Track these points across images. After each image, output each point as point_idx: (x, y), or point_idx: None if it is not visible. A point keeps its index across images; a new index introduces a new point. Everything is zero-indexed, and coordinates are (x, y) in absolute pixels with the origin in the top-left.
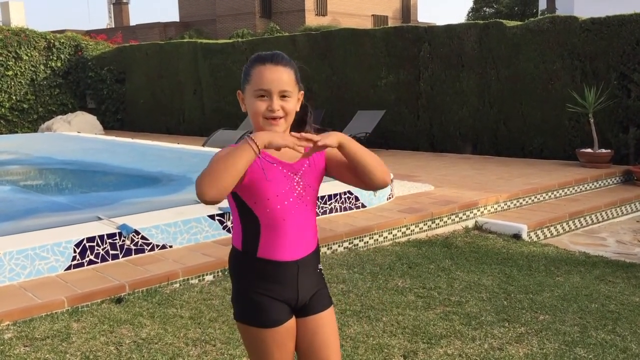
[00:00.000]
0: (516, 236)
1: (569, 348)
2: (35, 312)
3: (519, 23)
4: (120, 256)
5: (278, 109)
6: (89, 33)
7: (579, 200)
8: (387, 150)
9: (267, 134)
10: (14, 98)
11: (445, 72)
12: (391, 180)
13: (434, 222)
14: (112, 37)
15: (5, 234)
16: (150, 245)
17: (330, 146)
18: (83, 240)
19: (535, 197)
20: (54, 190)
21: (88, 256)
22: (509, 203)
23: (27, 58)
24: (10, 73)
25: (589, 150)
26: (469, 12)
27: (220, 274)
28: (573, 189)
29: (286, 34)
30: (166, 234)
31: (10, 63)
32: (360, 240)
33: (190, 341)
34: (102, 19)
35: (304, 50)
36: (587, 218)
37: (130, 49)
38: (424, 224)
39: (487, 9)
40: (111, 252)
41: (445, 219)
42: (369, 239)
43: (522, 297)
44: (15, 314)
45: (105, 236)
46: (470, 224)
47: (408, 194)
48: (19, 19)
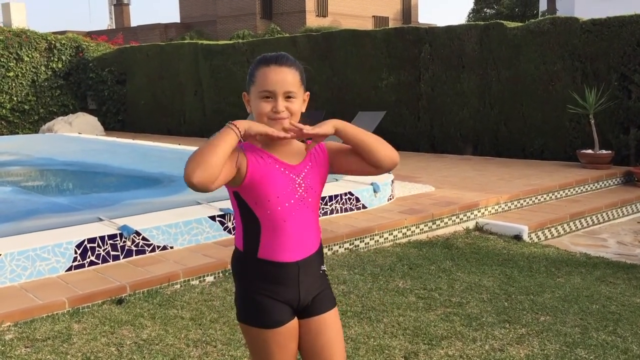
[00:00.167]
0: (517, 237)
1: (570, 349)
2: (36, 313)
3: (520, 24)
4: (121, 257)
5: (283, 110)
6: (90, 34)
7: (580, 201)
8: None
9: (248, 121)
10: (15, 99)
11: (446, 73)
12: (398, 157)
13: (435, 223)
14: (113, 38)
15: (6, 235)
16: (151, 246)
17: (327, 133)
18: (84, 241)
19: (536, 198)
20: (55, 191)
21: (89, 257)
22: (509, 204)
23: (28, 59)
24: (11, 74)
25: (589, 151)
26: (470, 13)
27: (221, 275)
28: (574, 189)
29: (287, 35)
30: (167, 235)
31: (12, 64)
32: (361, 241)
33: (191, 342)
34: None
35: (304, 51)
36: (588, 219)
37: (131, 50)
38: (425, 225)
39: (488, 10)
40: (112, 253)
41: (446, 220)
42: (370, 240)
43: (523, 298)
44: (16, 315)
45: (106, 237)
46: (471, 225)
47: (409, 195)
48: (20, 20)
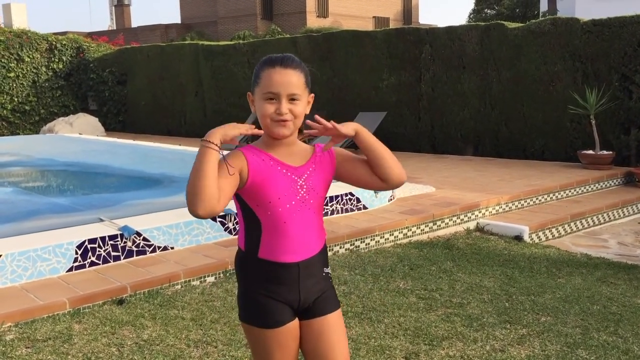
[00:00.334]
0: (518, 238)
1: (571, 350)
2: (37, 314)
3: (521, 25)
4: (122, 258)
5: (286, 112)
6: (90, 35)
7: (581, 201)
8: None
9: (219, 128)
10: (16, 100)
11: (446, 74)
12: (405, 178)
13: (436, 224)
14: (114, 39)
15: (7, 235)
16: (152, 247)
17: (348, 134)
18: (85, 241)
19: (537, 199)
20: (56, 192)
21: (90, 258)
22: (510, 205)
23: (29, 60)
24: (12, 75)
25: (590, 151)
26: (470, 14)
27: (221, 275)
28: (574, 190)
29: (287, 35)
30: (168, 236)
31: (12, 65)
32: (361, 242)
33: (192, 342)
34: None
35: (305, 52)
36: (589, 219)
37: (132, 50)
38: (426, 226)
39: (488, 11)
40: (113, 254)
41: (446, 220)
42: (371, 240)
43: (524, 299)
44: (17, 315)
45: (107, 238)
46: (471, 225)
47: (409, 196)
48: (20, 20)
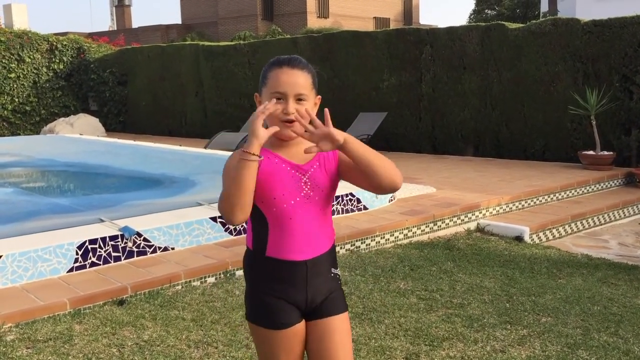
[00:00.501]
0: (518, 238)
1: (572, 350)
2: (38, 314)
3: (521, 25)
4: (123, 258)
5: (293, 112)
6: (91, 35)
7: (581, 202)
8: (389, 152)
9: (255, 137)
10: (17, 100)
11: (447, 74)
12: (401, 182)
13: (436, 224)
14: (115, 40)
15: (8, 236)
16: (153, 247)
17: (335, 138)
18: (85, 242)
19: (537, 199)
20: (56, 192)
21: (90, 258)
22: (510, 205)
23: (30, 60)
24: (12, 75)
25: (591, 152)
26: (471, 14)
27: (222, 276)
28: (575, 191)
29: (288, 36)
30: (168, 236)
31: (13, 65)
32: (362, 243)
33: (193, 343)
34: (105, 21)
35: (305, 52)
36: (590, 220)
37: (133, 51)
38: (426, 226)
39: (489, 11)
40: (113, 254)
41: (447, 221)
42: (371, 241)
43: (525, 300)
44: (18, 316)
45: (108, 238)
46: (472, 226)
47: (410, 196)
48: (21, 21)
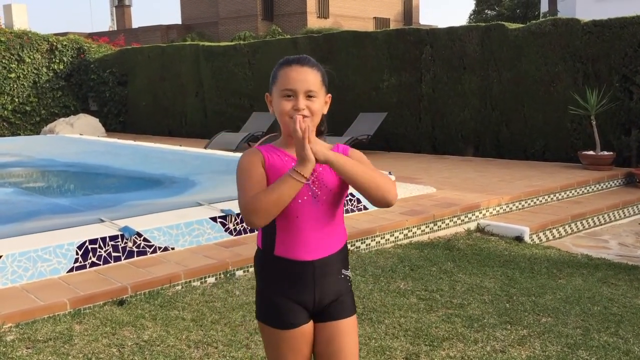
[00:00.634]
0: (518, 238)
1: (572, 350)
2: (38, 314)
3: (521, 25)
4: (123, 258)
5: (303, 108)
6: (91, 35)
7: (581, 202)
8: (389, 152)
9: (307, 162)
10: (17, 100)
11: (447, 75)
12: (394, 198)
13: (436, 225)
14: (115, 40)
15: (8, 236)
16: (153, 248)
17: (316, 156)
18: (85, 242)
19: (538, 200)
20: (57, 193)
21: (90, 258)
22: (511, 205)
23: (30, 60)
24: (12, 75)
25: (591, 152)
26: (471, 15)
27: (222, 276)
28: (575, 191)
29: (288, 36)
30: (168, 236)
31: (13, 65)
32: (362, 243)
33: (192, 343)
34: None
35: (305, 52)
36: (590, 220)
37: (133, 51)
38: (426, 226)
39: (489, 12)
40: (113, 254)
41: (447, 221)
42: (371, 241)
43: (525, 300)
44: (18, 316)
45: (108, 238)
46: (472, 226)
47: (410, 196)
48: (21, 21)
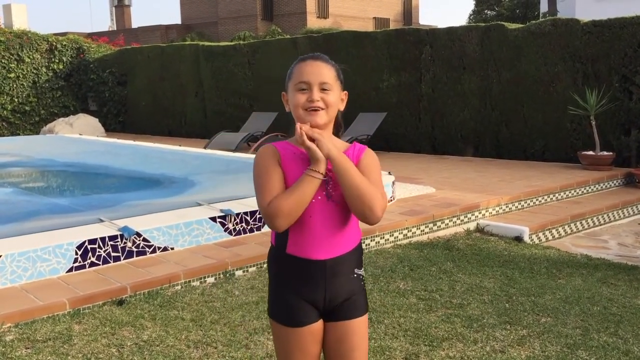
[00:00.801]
0: (518, 238)
1: (571, 351)
2: (37, 314)
3: (521, 25)
4: (122, 258)
5: (318, 100)
6: (91, 35)
7: (581, 202)
8: (389, 152)
9: (319, 158)
10: (16, 100)
11: (446, 75)
12: (375, 219)
13: (436, 225)
14: (114, 40)
15: (7, 236)
16: (152, 247)
17: (321, 146)
18: (85, 242)
19: (537, 200)
20: (56, 193)
21: (90, 258)
22: (510, 205)
23: (29, 60)
24: (12, 75)
25: (590, 152)
26: (470, 15)
27: (221, 276)
28: (575, 191)
29: (287, 36)
30: (168, 236)
31: (13, 65)
32: (361, 242)
33: (192, 343)
34: (104, 21)
35: (305, 52)
36: (589, 220)
37: (132, 51)
38: (426, 226)
39: (489, 12)
40: (113, 254)
41: (446, 221)
42: (371, 241)
43: (524, 300)
44: (17, 316)
45: (107, 238)
46: (471, 226)
47: (409, 196)
48: (21, 21)
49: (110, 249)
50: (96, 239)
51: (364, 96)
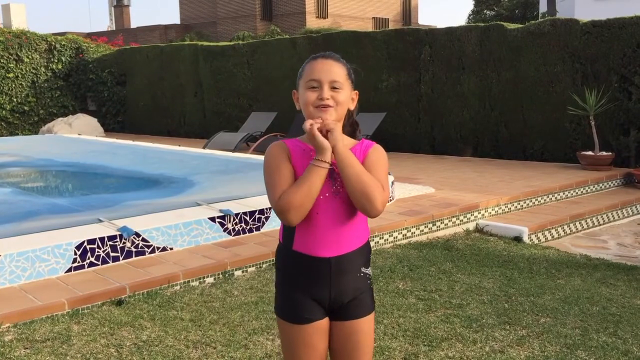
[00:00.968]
0: (517, 239)
1: (570, 351)
2: (36, 314)
3: (520, 26)
4: (121, 258)
5: (328, 97)
6: (90, 35)
7: (580, 202)
8: (388, 152)
9: (324, 145)
10: (15, 100)
11: (446, 75)
12: (374, 211)
13: (435, 225)
14: (113, 40)
15: (6, 236)
16: (151, 248)
17: (331, 137)
18: (84, 242)
19: (536, 200)
20: (55, 193)
21: (89, 258)
22: (509, 205)
23: (28, 60)
24: (11, 75)
25: (590, 152)
26: (470, 15)
27: (220, 276)
28: (574, 191)
29: (287, 36)
30: (167, 236)
31: (12, 65)
32: (369, 242)
33: (191, 343)
34: (103, 21)
35: (304, 52)
36: (588, 220)
37: (131, 51)
38: (425, 227)
39: (488, 12)
40: (112, 254)
41: (446, 221)
42: (370, 241)
43: (523, 300)
44: (16, 316)
45: (106, 238)
46: (471, 226)
47: (409, 197)
48: (20, 21)
49: (109, 249)
50: (95, 239)
51: (363, 96)
